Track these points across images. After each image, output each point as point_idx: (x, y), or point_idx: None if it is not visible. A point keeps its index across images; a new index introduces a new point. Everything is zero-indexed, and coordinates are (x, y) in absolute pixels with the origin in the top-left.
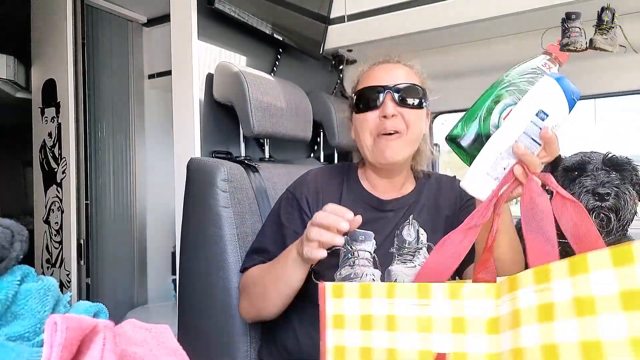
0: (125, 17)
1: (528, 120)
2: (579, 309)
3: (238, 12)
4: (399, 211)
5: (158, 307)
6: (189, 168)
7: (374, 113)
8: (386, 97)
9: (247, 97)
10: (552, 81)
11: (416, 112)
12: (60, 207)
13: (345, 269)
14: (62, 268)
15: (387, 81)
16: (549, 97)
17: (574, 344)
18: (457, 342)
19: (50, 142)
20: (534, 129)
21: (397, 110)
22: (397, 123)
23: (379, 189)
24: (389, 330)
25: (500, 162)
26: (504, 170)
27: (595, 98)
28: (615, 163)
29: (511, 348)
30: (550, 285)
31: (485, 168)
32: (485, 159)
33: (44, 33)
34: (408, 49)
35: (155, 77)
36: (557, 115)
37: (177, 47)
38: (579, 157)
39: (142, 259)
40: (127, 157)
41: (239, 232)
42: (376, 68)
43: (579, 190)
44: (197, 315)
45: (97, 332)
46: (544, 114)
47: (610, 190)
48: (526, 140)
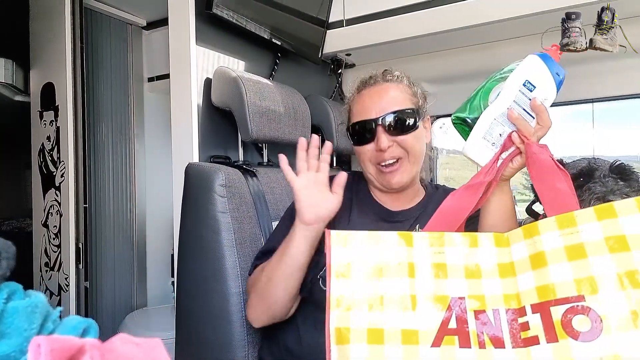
0: (124, 21)
1: (516, 89)
2: (612, 247)
3: (236, 17)
4: (406, 222)
5: (157, 309)
6: (187, 173)
7: (370, 145)
8: (378, 131)
9: (245, 103)
10: (536, 57)
11: (413, 135)
12: (59, 210)
13: None
14: (61, 271)
15: (377, 112)
16: (534, 71)
17: (611, 275)
18: (472, 286)
19: (49, 146)
20: (524, 99)
21: (391, 139)
22: (395, 152)
23: (387, 202)
24: (406, 277)
25: (495, 128)
26: (500, 136)
27: (592, 102)
28: (622, 171)
29: (537, 286)
30: (578, 228)
31: (481, 133)
32: (481, 124)
33: (43, 36)
34: (406, 54)
35: (155, 80)
36: (544, 88)
37: (175, 52)
38: (585, 163)
39: (141, 262)
40: (126, 160)
41: (236, 238)
42: (363, 95)
43: (588, 197)
44: (194, 321)
45: (84, 352)
46: (530, 84)
47: (621, 199)
48: (519, 109)
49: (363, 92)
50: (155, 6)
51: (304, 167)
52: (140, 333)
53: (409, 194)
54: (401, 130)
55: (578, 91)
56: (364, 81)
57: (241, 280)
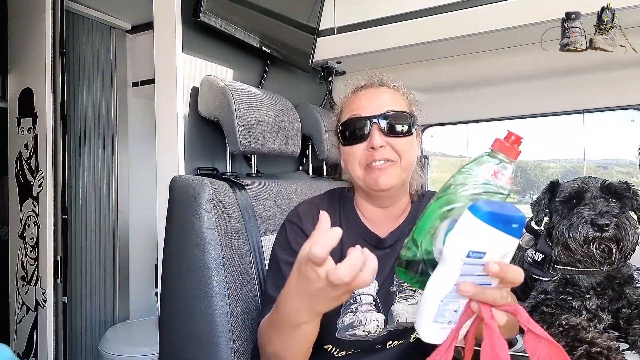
0: (108, 24)
1: (459, 265)
2: None
3: (224, 24)
4: (396, 245)
5: (140, 322)
6: (171, 187)
7: (362, 145)
8: (372, 128)
9: (234, 113)
10: (471, 217)
11: (406, 140)
12: (36, 221)
13: (347, 316)
14: (38, 286)
15: (372, 110)
16: (475, 236)
17: None
18: None
19: (27, 154)
20: (474, 268)
21: (385, 140)
22: (387, 153)
23: (376, 222)
24: None
25: (447, 307)
26: (456, 312)
27: (583, 113)
28: (614, 190)
29: None
30: None
31: (430, 317)
32: (427, 308)
33: (22, 40)
34: (397, 62)
35: (140, 85)
36: (497, 248)
37: (161, 60)
38: (576, 185)
39: (124, 273)
40: (108, 168)
41: (224, 255)
42: (359, 95)
43: (577, 221)
44: (179, 342)
45: None
46: (476, 253)
47: (610, 221)
48: (471, 279)
49: (359, 93)
50: (140, 10)
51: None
52: (122, 348)
53: (396, 208)
54: (396, 132)
55: (568, 102)
56: (361, 84)
57: (228, 300)
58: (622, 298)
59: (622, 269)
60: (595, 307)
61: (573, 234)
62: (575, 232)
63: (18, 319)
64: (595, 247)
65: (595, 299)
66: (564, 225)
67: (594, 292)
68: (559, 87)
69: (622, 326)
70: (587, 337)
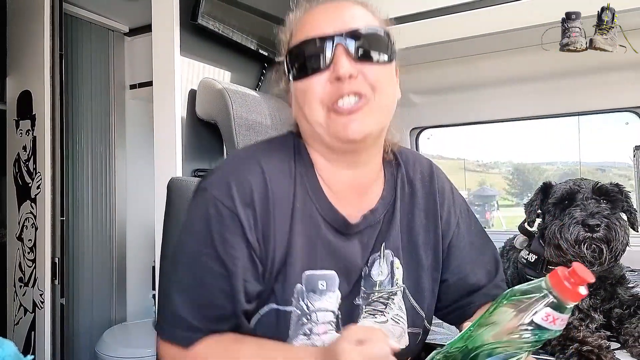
0: (106, 27)
1: None
2: None
3: (222, 28)
4: (367, 234)
5: (137, 324)
6: (169, 189)
7: (323, 76)
8: (337, 51)
9: (232, 116)
10: None
11: (384, 70)
12: (34, 223)
13: (298, 339)
14: (36, 287)
15: (337, 27)
16: None
17: None
18: None
19: (25, 156)
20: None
21: (356, 68)
22: (358, 85)
23: (340, 195)
24: None
25: None
26: None
27: (578, 115)
28: (605, 192)
29: None
30: None
31: None
32: None
33: (21, 43)
34: None
35: (138, 87)
36: None
37: (159, 62)
38: (568, 186)
39: (121, 275)
40: (106, 170)
41: None
42: (315, 11)
43: (568, 222)
44: None
45: None
46: None
47: (600, 222)
48: None
49: (313, 10)
50: (138, 13)
51: None
52: (119, 350)
53: (368, 172)
54: (370, 58)
55: (563, 104)
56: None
57: None
58: (614, 298)
59: (614, 269)
60: (587, 307)
61: (564, 234)
62: (567, 233)
63: (16, 320)
64: (586, 248)
65: (587, 299)
66: (556, 225)
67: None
68: (554, 90)
69: (614, 326)
70: (578, 336)
